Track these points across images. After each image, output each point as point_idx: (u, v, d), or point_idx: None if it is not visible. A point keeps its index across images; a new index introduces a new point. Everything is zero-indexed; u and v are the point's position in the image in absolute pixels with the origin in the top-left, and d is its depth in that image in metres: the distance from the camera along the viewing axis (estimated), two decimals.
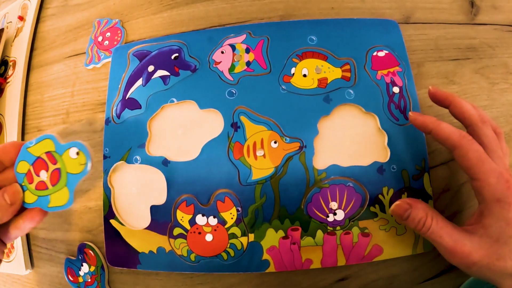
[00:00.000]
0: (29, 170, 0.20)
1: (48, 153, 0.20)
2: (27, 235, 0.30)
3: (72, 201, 0.19)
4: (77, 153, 0.19)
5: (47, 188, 0.20)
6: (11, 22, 0.35)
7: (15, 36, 0.34)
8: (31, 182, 0.20)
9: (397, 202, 0.22)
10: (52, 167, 0.19)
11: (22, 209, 0.20)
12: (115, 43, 0.30)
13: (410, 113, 0.23)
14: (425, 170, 0.25)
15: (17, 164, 0.20)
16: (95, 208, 0.28)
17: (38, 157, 0.20)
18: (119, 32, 0.31)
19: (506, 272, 0.19)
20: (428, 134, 0.22)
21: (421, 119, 0.22)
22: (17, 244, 0.29)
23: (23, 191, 0.20)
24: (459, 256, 0.19)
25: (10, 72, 0.33)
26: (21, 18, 0.34)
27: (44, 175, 0.20)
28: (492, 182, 0.19)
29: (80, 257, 0.27)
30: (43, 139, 0.20)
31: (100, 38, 0.31)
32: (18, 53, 0.33)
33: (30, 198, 0.20)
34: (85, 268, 0.27)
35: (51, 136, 0.20)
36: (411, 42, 0.28)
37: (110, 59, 0.30)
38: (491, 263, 0.19)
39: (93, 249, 0.27)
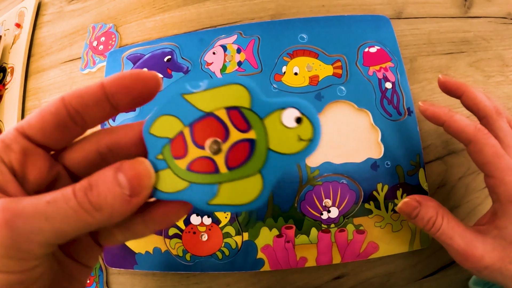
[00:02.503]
0: (180, 135, 0.11)
1: (233, 110, 0.11)
2: None
3: (265, 199, 0.11)
4: (298, 120, 0.11)
5: (215, 171, 0.11)
6: (8, 29, 0.36)
7: (13, 43, 0.35)
8: (180, 156, 0.11)
9: (405, 200, 0.20)
10: (237, 135, 0.11)
11: None
12: (110, 47, 0.31)
13: (420, 103, 0.21)
14: (420, 166, 0.24)
15: (153, 119, 0.12)
16: None
17: (209, 114, 0.11)
18: (113, 36, 0.31)
19: None
20: (439, 126, 0.21)
21: (432, 110, 0.20)
22: None
23: (157, 170, 0.11)
24: (470, 260, 0.18)
25: (8, 78, 0.33)
26: (18, 25, 0.35)
27: (214, 148, 0.11)
28: (508, 180, 0.18)
29: None
30: (226, 83, 0.11)
31: (95, 43, 0.32)
32: (16, 60, 0.33)
33: (171, 183, 0.11)
34: None
35: (245, 82, 0.11)
36: (404, 37, 0.28)
37: (105, 63, 0.30)
38: (503, 267, 0.18)
39: None
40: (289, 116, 0.11)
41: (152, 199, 0.12)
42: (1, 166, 0.11)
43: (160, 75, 0.12)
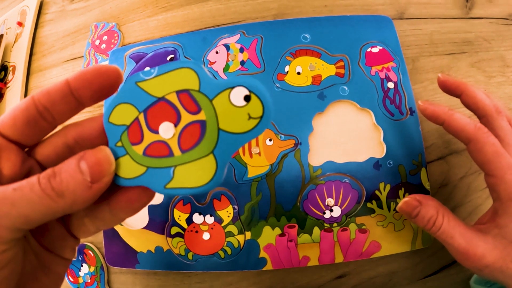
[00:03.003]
0: (135, 121, 0.12)
1: (183, 93, 0.11)
2: None
3: (219, 180, 0.11)
4: (247, 98, 0.11)
5: (171, 154, 0.11)
6: (10, 28, 0.35)
7: (15, 42, 0.35)
8: (136, 142, 0.12)
9: (405, 199, 0.20)
10: (188, 118, 0.11)
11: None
12: (112, 46, 0.31)
13: (419, 102, 0.21)
14: (422, 165, 0.24)
15: (112, 108, 0.12)
16: None
17: (161, 99, 0.11)
18: (115, 35, 0.31)
19: None
20: (439, 125, 0.21)
21: (432, 109, 0.20)
22: None
23: (117, 157, 0.12)
24: (471, 259, 0.18)
25: (10, 77, 0.33)
26: (20, 24, 0.35)
27: (167, 131, 0.11)
28: (509, 179, 0.18)
29: (80, 258, 0.28)
30: (176, 68, 0.11)
31: (97, 42, 0.32)
32: (18, 58, 0.33)
33: (131, 169, 0.12)
34: (85, 269, 0.27)
35: (193, 65, 0.11)
36: (406, 38, 0.28)
37: (107, 62, 0.30)
38: (504, 266, 0.18)
39: (92, 250, 0.27)
40: (237, 94, 0.11)
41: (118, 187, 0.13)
42: None
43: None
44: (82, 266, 0.27)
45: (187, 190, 0.11)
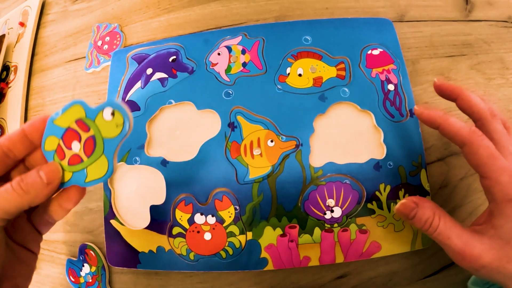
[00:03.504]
0: (58, 145, 0.18)
1: (78, 121, 0.17)
2: None
3: (112, 170, 0.17)
4: (112, 114, 0.17)
5: (82, 161, 0.18)
6: (12, 28, 0.36)
7: (16, 42, 0.35)
8: (63, 158, 0.18)
9: (402, 201, 0.21)
10: (85, 135, 0.17)
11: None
12: (114, 47, 0.31)
13: (415, 107, 0.22)
14: (422, 166, 0.25)
15: (44, 141, 0.18)
16: (95, 209, 0.28)
17: (68, 128, 0.18)
18: (118, 36, 0.31)
19: None
20: (435, 129, 0.21)
21: (427, 114, 0.21)
22: None
23: None
24: (468, 260, 0.18)
25: (11, 77, 0.33)
26: (22, 24, 0.35)
27: (76, 147, 0.18)
28: (503, 181, 0.18)
29: (81, 258, 0.28)
30: (70, 106, 0.17)
31: (99, 43, 0.32)
32: (20, 59, 0.34)
33: (64, 176, 0.18)
34: (86, 269, 0.27)
35: (79, 102, 0.17)
36: (406, 40, 0.28)
37: (109, 63, 0.30)
38: (501, 266, 0.18)
39: (94, 250, 0.27)
40: (107, 113, 0.17)
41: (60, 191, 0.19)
42: None
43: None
44: (83, 266, 0.28)
45: (97, 181, 0.18)
